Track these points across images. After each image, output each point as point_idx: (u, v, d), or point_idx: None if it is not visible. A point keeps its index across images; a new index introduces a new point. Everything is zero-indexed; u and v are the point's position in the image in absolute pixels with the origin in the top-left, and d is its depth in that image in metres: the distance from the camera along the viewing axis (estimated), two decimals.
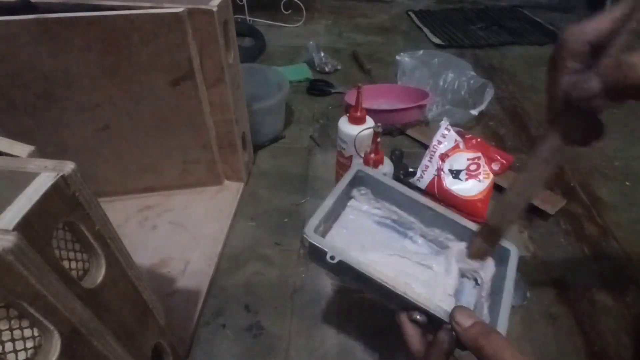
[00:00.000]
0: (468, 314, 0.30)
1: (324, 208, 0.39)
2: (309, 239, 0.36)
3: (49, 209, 0.24)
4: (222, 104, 0.59)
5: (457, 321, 0.30)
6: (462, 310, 0.30)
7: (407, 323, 0.33)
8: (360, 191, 0.45)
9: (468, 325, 0.29)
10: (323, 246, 0.35)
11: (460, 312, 0.30)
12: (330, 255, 0.34)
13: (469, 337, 0.29)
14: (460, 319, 0.30)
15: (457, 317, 0.30)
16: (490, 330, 0.28)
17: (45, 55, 0.48)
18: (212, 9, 0.49)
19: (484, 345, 0.27)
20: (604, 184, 0.74)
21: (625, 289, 0.56)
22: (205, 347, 0.49)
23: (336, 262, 0.34)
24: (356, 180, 0.44)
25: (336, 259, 0.34)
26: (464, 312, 0.30)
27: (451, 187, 0.66)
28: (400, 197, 0.43)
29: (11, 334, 0.23)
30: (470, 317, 0.30)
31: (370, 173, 0.43)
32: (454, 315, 0.30)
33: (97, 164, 0.61)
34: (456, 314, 0.30)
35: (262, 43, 1.20)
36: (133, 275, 0.33)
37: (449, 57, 0.96)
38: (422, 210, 0.42)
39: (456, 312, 0.30)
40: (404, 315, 0.34)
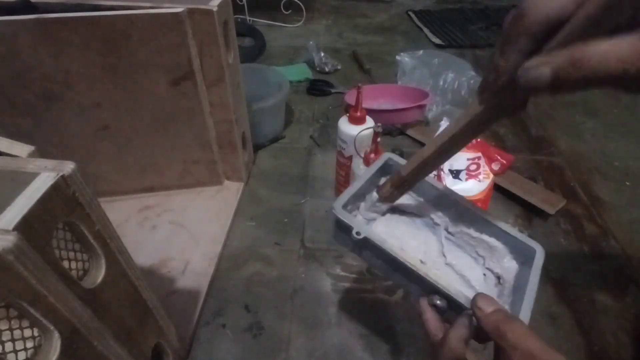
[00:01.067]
0: (490, 300, 0.30)
1: (354, 187, 0.39)
2: (337, 214, 0.36)
3: (49, 209, 0.24)
4: (222, 104, 0.59)
5: (479, 306, 0.29)
6: (485, 297, 0.30)
7: (426, 307, 0.33)
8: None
9: (490, 311, 0.29)
10: (350, 222, 0.35)
11: (483, 298, 0.30)
12: (356, 231, 0.34)
13: (490, 322, 0.28)
14: (483, 305, 0.29)
15: (479, 303, 0.29)
16: (512, 317, 0.28)
17: (45, 55, 0.48)
18: (212, 9, 0.49)
19: (506, 332, 0.26)
20: (604, 184, 0.74)
21: (625, 289, 0.56)
22: (205, 347, 0.49)
23: (361, 238, 0.34)
24: (386, 168, 0.44)
25: (362, 234, 0.34)
26: (487, 298, 0.30)
27: (451, 187, 0.66)
28: (428, 189, 0.42)
29: (11, 334, 0.23)
30: (493, 304, 0.29)
31: (400, 162, 0.43)
32: (476, 300, 0.30)
33: (97, 164, 0.61)
34: (478, 300, 0.30)
35: (262, 43, 1.20)
36: (133, 275, 0.33)
37: (449, 57, 0.96)
38: (449, 204, 0.42)
39: (478, 298, 0.30)
40: (423, 300, 0.33)
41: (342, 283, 0.56)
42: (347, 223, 0.35)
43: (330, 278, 0.57)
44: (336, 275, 0.57)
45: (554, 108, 0.96)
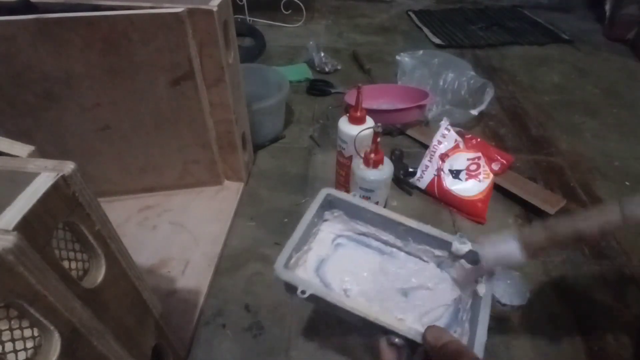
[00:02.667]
0: (439, 334, 0.30)
1: (293, 240, 0.39)
2: (279, 275, 0.36)
3: (49, 209, 0.24)
4: (222, 104, 0.59)
5: (428, 342, 0.30)
6: (433, 331, 0.30)
7: (384, 347, 0.33)
8: (333, 213, 0.45)
9: (441, 344, 0.29)
10: (293, 282, 0.35)
11: (431, 333, 0.30)
12: (301, 290, 0.35)
13: (440, 357, 0.29)
14: (432, 339, 0.30)
15: (428, 337, 0.30)
16: (462, 349, 0.28)
17: (45, 55, 0.48)
18: (212, 9, 0.49)
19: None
20: (604, 184, 0.74)
21: (625, 289, 0.56)
22: (205, 347, 0.49)
23: (308, 296, 0.34)
24: (327, 204, 0.44)
25: (307, 293, 0.34)
26: (435, 333, 0.30)
27: (451, 187, 0.66)
28: (373, 216, 0.43)
29: (11, 334, 0.23)
30: (442, 338, 0.29)
31: (339, 196, 0.44)
32: (424, 336, 0.30)
33: (97, 164, 0.61)
34: (427, 335, 0.30)
35: (262, 43, 1.20)
36: (133, 275, 0.33)
37: (449, 57, 0.96)
38: (395, 226, 0.42)
39: (427, 334, 0.30)
40: (382, 340, 0.34)
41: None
42: (291, 283, 0.36)
43: None
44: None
45: (554, 108, 0.96)
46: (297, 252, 0.40)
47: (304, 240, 0.41)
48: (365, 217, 0.43)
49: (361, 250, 0.44)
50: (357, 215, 0.44)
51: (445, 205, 0.68)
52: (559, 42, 1.29)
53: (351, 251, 0.44)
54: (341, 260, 0.43)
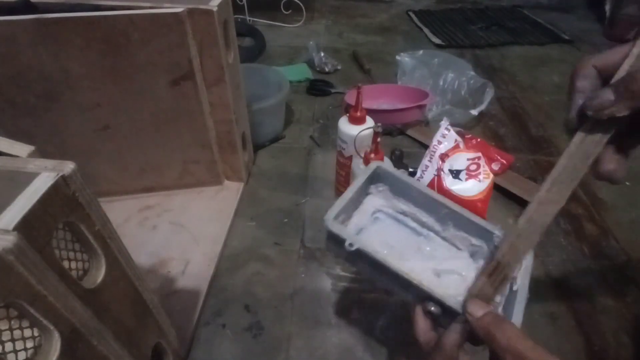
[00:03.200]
0: (480, 304, 0.30)
1: (344, 199, 0.39)
2: (329, 226, 0.36)
3: (49, 209, 0.24)
4: (222, 104, 0.59)
5: (469, 311, 0.30)
6: (475, 300, 0.30)
7: (419, 315, 0.33)
8: (377, 188, 0.45)
9: (480, 314, 0.29)
10: (342, 234, 0.35)
11: (473, 302, 0.30)
12: (349, 243, 0.34)
13: (481, 326, 0.28)
14: (473, 309, 0.29)
15: (470, 307, 0.30)
16: (503, 320, 0.28)
17: (45, 55, 0.48)
18: (212, 9, 0.49)
19: (496, 335, 0.27)
20: (604, 184, 0.73)
21: (625, 289, 0.56)
22: (205, 347, 0.49)
23: (354, 250, 0.34)
24: (374, 177, 0.44)
25: (354, 246, 0.34)
26: (477, 302, 0.30)
27: (451, 187, 0.66)
28: (417, 195, 0.43)
29: (11, 334, 0.23)
30: (483, 307, 0.29)
31: (389, 170, 0.43)
32: (466, 305, 0.30)
33: (97, 164, 0.61)
34: (468, 304, 0.30)
35: (262, 43, 1.20)
36: (133, 275, 0.33)
37: (449, 57, 0.96)
38: (437, 208, 0.42)
39: (468, 302, 0.30)
40: (418, 307, 0.34)
41: (342, 283, 0.56)
42: (339, 235, 0.36)
43: (330, 278, 0.57)
44: (336, 275, 0.57)
45: (554, 108, 0.96)
46: (343, 213, 0.39)
47: (350, 205, 0.41)
48: (410, 194, 0.43)
49: (398, 228, 0.44)
50: (401, 192, 0.44)
51: None
52: (559, 42, 1.29)
53: (388, 227, 0.44)
54: (378, 234, 0.43)
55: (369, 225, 0.44)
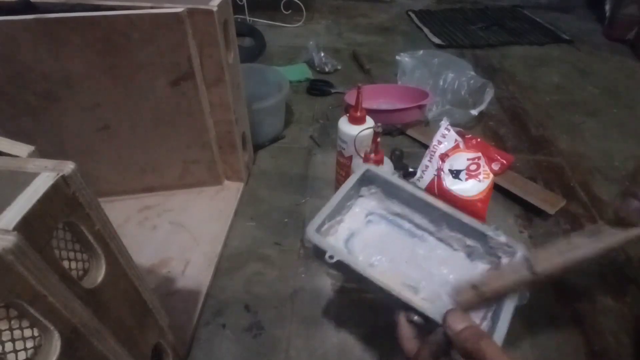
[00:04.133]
0: (461, 317, 0.29)
1: (328, 207, 0.39)
2: (310, 238, 0.36)
3: (49, 209, 0.24)
4: (222, 104, 0.59)
5: (448, 324, 0.29)
6: (455, 313, 0.30)
7: (403, 323, 0.33)
8: (370, 190, 0.45)
9: (459, 329, 0.29)
10: (322, 246, 0.36)
11: (453, 315, 0.30)
12: (329, 255, 0.35)
13: (459, 340, 0.28)
14: (452, 322, 0.29)
15: (449, 320, 0.29)
16: (482, 335, 0.28)
17: (45, 55, 0.48)
18: (212, 9, 0.49)
19: (473, 352, 0.27)
20: (604, 184, 0.74)
21: (625, 289, 0.56)
22: (205, 347, 0.49)
23: (334, 262, 0.34)
24: (365, 180, 0.44)
25: (335, 258, 0.34)
26: (457, 315, 0.30)
27: (451, 187, 0.66)
28: (409, 197, 0.43)
29: (11, 334, 0.23)
30: (463, 321, 0.29)
31: (379, 173, 0.43)
32: (445, 318, 0.30)
33: (97, 164, 0.61)
34: (448, 317, 0.30)
35: (262, 43, 1.20)
36: (133, 275, 0.33)
37: (449, 57, 0.96)
38: (430, 210, 0.42)
39: (448, 315, 0.30)
40: (402, 316, 0.34)
41: (342, 283, 0.56)
42: (320, 247, 0.36)
43: (330, 278, 0.57)
44: (336, 275, 0.57)
45: (554, 108, 0.96)
46: (329, 220, 0.40)
47: (337, 211, 0.41)
48: (402, 197, 0.43)
49: (392, 230, 0.44)
50: (393, 194, 0.44)
51: None
52: (559, 42, 1.29)
53: (382, 229, 0.44)
54: (371, 237, 0.43)
55: (362, 228, 0.44)
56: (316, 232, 0.37)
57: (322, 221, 0.38)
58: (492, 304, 0.35)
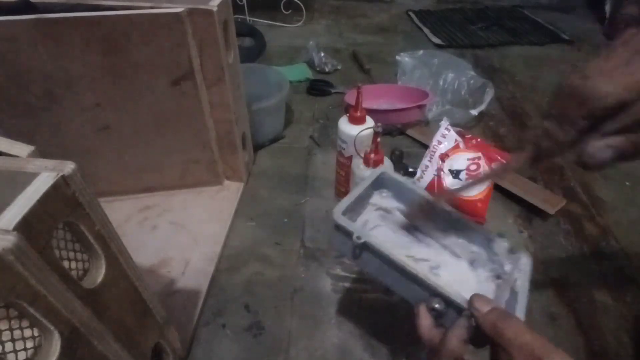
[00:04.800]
0: (486, 300, 0.30)
1: (352, 196, 0.39)
2: (337, 219, 0.36)
3: (49, 209, 0.24)
4: (222, 104, 0.59)
5: (475, 307, 0.30)
6: (480, 297, 0.30)
7: (423, 312, 0.33)
8: (381, 194, 0.45)
9: (486, 310, 0.29)
10: (350, 227, 0.36)
11: (479, 299, 0.30)
12: (356, 235, 0.35)
13: (487, 322, 0.28)
14: (479, 305, 0.30)
15: (476, 303, 0.30)
16: (509, 315, 0.28)
17: (45, 55, 0.48)
18: (212, 9, 0.49)
19: (504, 329, 0.27)
20: (604, 184, 0.74)
21: (625, 289, 0.56)
22: (205, 347, 0.49)
23: (361, 243, 0.34)
24: (378, 183, 0.44)
25: (362, 239, 0.34)
26: (482, 299, 0.30)
27: (451, 187, 0.66)
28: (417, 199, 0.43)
29: (11, 334, 0.23)
30: (489, 304, 0.30)
31: (392, 176, 0.43)
32: (472, 301, 0.30)
33: (97, 164, 0.61)
34: (474, 300, 0.30)
35: (262, 43, 1.20)
36: (133, 275, 0.33)
37: (449, 57, 0.96)
38: (439, 214, 0.42)
39: (474, 299, 0.30)
40: (422, 305, 0.34)
41: (342, 283, 0.56)
42: (347, 228, 0.36)
43: (330, 278, 0.57)
44: (336, 275, 0.57)
45: None
46: (351, 210, 0.40)
47: (353, 207, 0.41)
48: (412, 200, 0.43)
49: (399, 235, 0.44)
50: (404, 198, 0.44)
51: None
52: (559, 42, 1.29)
53: (389, 235, 0.44)
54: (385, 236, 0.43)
55: (370, 231, 0.44)
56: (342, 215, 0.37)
57: (348, 205, 0.38)
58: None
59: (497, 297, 0.38)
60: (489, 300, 0.30)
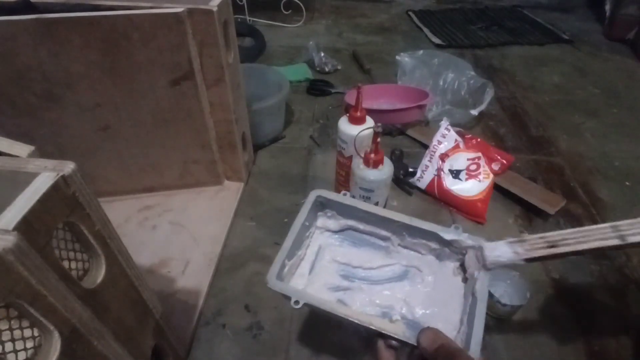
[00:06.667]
0: (433, 337, 0.30)
1: (284, 251, 0.39)
2: (271, 287, 0.36)
3: (49, 209, 0.24)
4: (222, 104, 0.59)
5: (422, 346, 0.30)
6: (427, 333, 0.30)
7: (382, 349, 0.34)
8: (326, 214, 0.45)
9: (433, 349, 0.29)
10: (286, 292, 0.35)
11: (425, 336, 0.30)
12: (294, 300, 0.35)
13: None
14: (425, 344, 0.30)
15: (422, 342, 0.30)
16: (454, 352, 0.28)
17: (45, 55, 0.48)
18: (212, 9, 0.49)
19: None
20: (604, 184, 0.74)
21: (625, 289, 0.56)
22: (205, 347, 0.49)
23: (301, 305, 0.34)
24: (318, 206, 0.44)
25: (301, 302, 0.34)
26: (429, 335, 0.30)
27: (451, 187, 0.66)
28: (365, 215, 0.43)
29: (11, 334, 0.23)
30: (436, 341, 0.29)
31: (330, 197, 0.43)
32: (418, 340, 0.30)
33: (97, 164, 0.61)
34: (421, 339, 0.30)
35: (262, 43, 1.20)
36: (133, 275, 0.33)
37: (449, 57, 0.96)
38: (388, 223, 0.42)
39: (421, 337, 0.30)
40: (380, 342, 0.34)
41: None
42: (284, 294, 0.35)
43: None
44: None
45: (554, 108, 0.96)
46: (290, 258, 0.40)
47: (297, 245, 0.41)
48: (358, 215, 0.44)
49: (358, 246, 0.44)
50: (350, 214, 0.44)
51: (445, 206, 0.68)
52: (559, 42, 1.29)
53: (351, 249, 0.44)
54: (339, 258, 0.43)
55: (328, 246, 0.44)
56: (277, 279, 0.36)
57: (281, 264, 0.38)
58: None
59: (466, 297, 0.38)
60: (437, 336, 0.30)
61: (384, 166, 0.54)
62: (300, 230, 0.41)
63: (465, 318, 0.35)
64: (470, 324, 0.33)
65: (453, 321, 0.37)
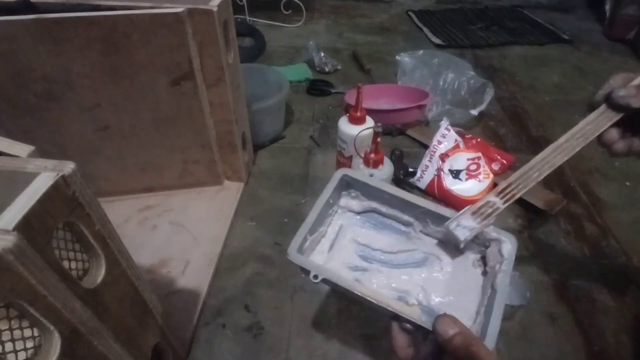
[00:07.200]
0: (450, 323, 0.29)
1: (307, 224, 0.39)
2: (292, 259, 0.36)
3: (49, 209, 0.24)
4: (222, 104, 0.59)
5: (438, 331, 0.29)
6: (444, 320, 0.30)
7: (396, 331, 0.33)
8: (350, 194, 0.45)
9: (449, 336, 0.28)
10: (306, 266, 0.35)
11: (442, 322, 0.29)
12: (313, 274, 0.34)
13: (450, 349, 0.28)
14: (441, 330, 0.29)
15: (438, 328, 0.29)
16: (471, 340, 0.28)
17: (45, 55, 0.48)
18: (212, 9, 0.49)
19: (465, 358, 0.27)
20: (604, 184, 0.74)
21: (625, 289, 0.56)
22: (205, 347, 0.49)
23: (320, 280, 0.34)
24: (343, 185, 0.44)
25: (319, 277, 0.34)
26: (446, 322, 0.29)
27: (451, 187, 0.66)
28: (390, 198, 0.43)
29: (11, 334, 0.23)
30: (453, 327, 0.29)
31: (356, 177, 0.43)
32: (434, 325, 0.30)
33: (97, 164, 0.61)
34: (437, 324, 0.30)
35: (262, 43, 1.20)
36: (133, 275, 0.33)
37: (449, 57, 0.96)
38: (412, 208, 0.42)
39: (437, 322, 0.30)
40: (395, 325, 0.34)
41: None
42: (304, 267, 0.35)
43: None
44: None
45: (554, 108, 0.96)
46: (312, 234, 0.39)
47: (319, 222, 0.41)
48: (383, 198, 0.43)
49: (379, 229, 0.44)
50: (374, 196, 0.44)
51: (445, 205, 0.68)
52: (559, 42, 1.29)
53: (372, 233, 0.44)
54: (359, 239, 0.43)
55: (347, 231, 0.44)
56: (297, 252, 0.36)
57: (303, 238, 0.38)
58: None
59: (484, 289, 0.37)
60: (454, 323, 0.29)
61: (384, 166, 0.54)
62: (324, 207, 0.41)
63: (482, 310, 0.35)
64: (488, 315, 0.33)
65: (469, 312, 0.36)
